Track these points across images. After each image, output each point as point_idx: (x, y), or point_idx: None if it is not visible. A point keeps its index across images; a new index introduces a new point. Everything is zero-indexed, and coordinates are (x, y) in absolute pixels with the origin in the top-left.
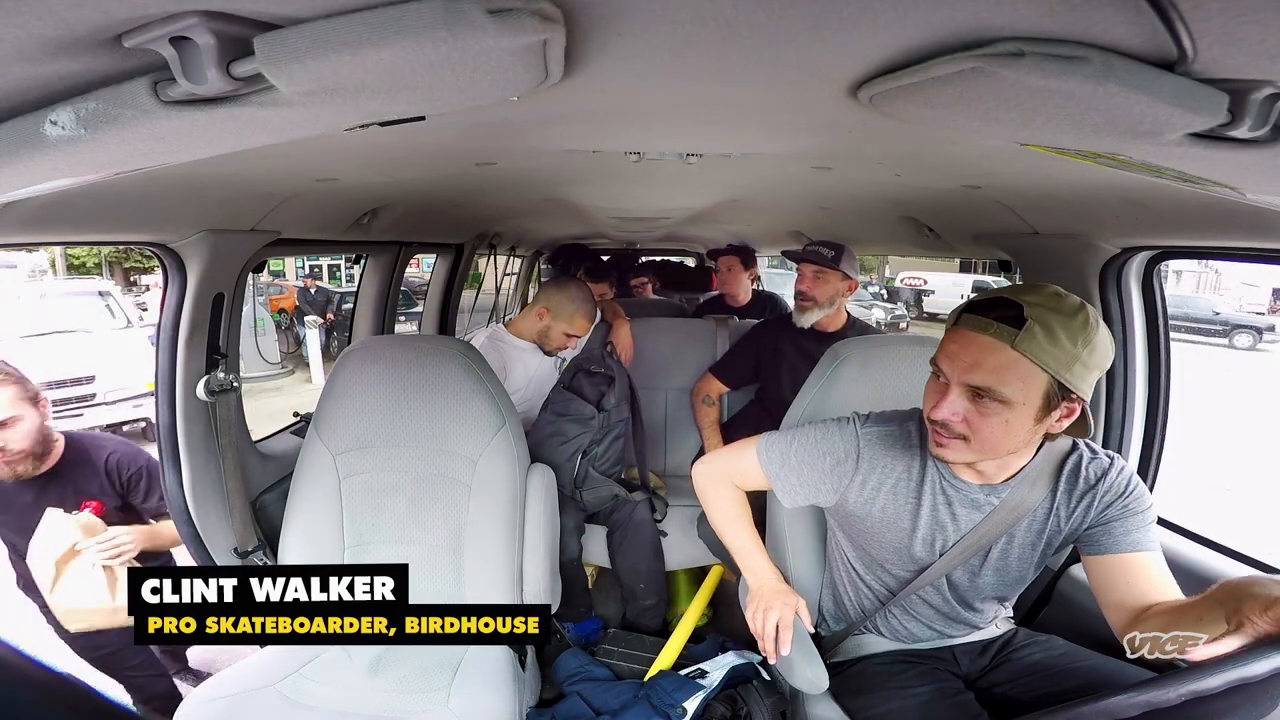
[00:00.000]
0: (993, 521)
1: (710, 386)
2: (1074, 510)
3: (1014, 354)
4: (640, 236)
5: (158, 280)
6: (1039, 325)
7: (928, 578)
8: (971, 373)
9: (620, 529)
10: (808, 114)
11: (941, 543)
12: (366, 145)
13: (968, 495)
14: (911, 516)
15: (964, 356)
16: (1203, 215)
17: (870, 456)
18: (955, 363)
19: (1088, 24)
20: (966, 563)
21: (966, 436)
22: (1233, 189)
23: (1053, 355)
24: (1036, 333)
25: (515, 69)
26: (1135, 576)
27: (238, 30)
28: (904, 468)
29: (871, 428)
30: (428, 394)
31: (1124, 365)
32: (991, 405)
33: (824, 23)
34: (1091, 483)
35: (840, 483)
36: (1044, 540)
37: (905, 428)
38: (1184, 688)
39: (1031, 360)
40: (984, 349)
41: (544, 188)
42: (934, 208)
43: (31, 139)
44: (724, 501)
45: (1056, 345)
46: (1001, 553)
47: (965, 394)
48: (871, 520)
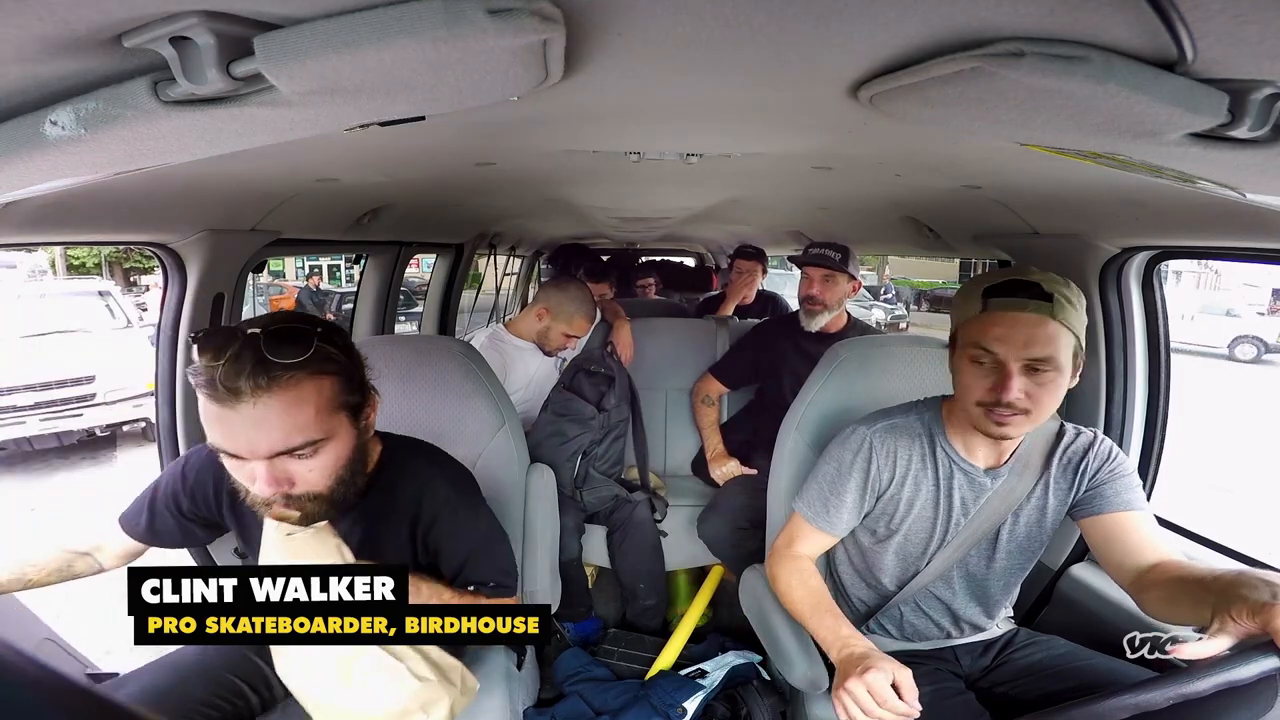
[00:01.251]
0: (994, 504)
1: (710, 387)
2: (1069, 482)
3: (1056, 324)
4: (640, 237)
5: (158, 280)
6: (1060, 296)
7: (937, 567)
8: (1029, 348)
9: (620, 529)
10: (808, 114)
11: (954, 530)
12: (366, 145)
13: (975, 478)
14: (933, 502)
15: (1017, 336)
16: (1203, 215)
17: (882, 447)
18: (1009, 343)
19: (1088, 24)
20: (978, 547)
21: (1029, 410)
22: (1232, 189)
23: (1075, 319)
24: (1063, 303)
25: (515, 69)
26: (1131, 534)
27: (238, 30)
28: (919, 455)
29: (876, 423)
30: (427, 394)
31: (1124, 365)
32: (1047, 375)
33: (824, 22)
34: (1080, 454)
35: (874, 489)
36: (1048, 516)
37: (909, 418)
38: (1182, 689)
39: (1067, 327)
40: (1033, 325)
41: (544, 188)
42: (934, 208)
43: (31, 139)
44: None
45: (1075, 310)
46: (1010, 534)
47: (1023, 370)
48: (902, 511)
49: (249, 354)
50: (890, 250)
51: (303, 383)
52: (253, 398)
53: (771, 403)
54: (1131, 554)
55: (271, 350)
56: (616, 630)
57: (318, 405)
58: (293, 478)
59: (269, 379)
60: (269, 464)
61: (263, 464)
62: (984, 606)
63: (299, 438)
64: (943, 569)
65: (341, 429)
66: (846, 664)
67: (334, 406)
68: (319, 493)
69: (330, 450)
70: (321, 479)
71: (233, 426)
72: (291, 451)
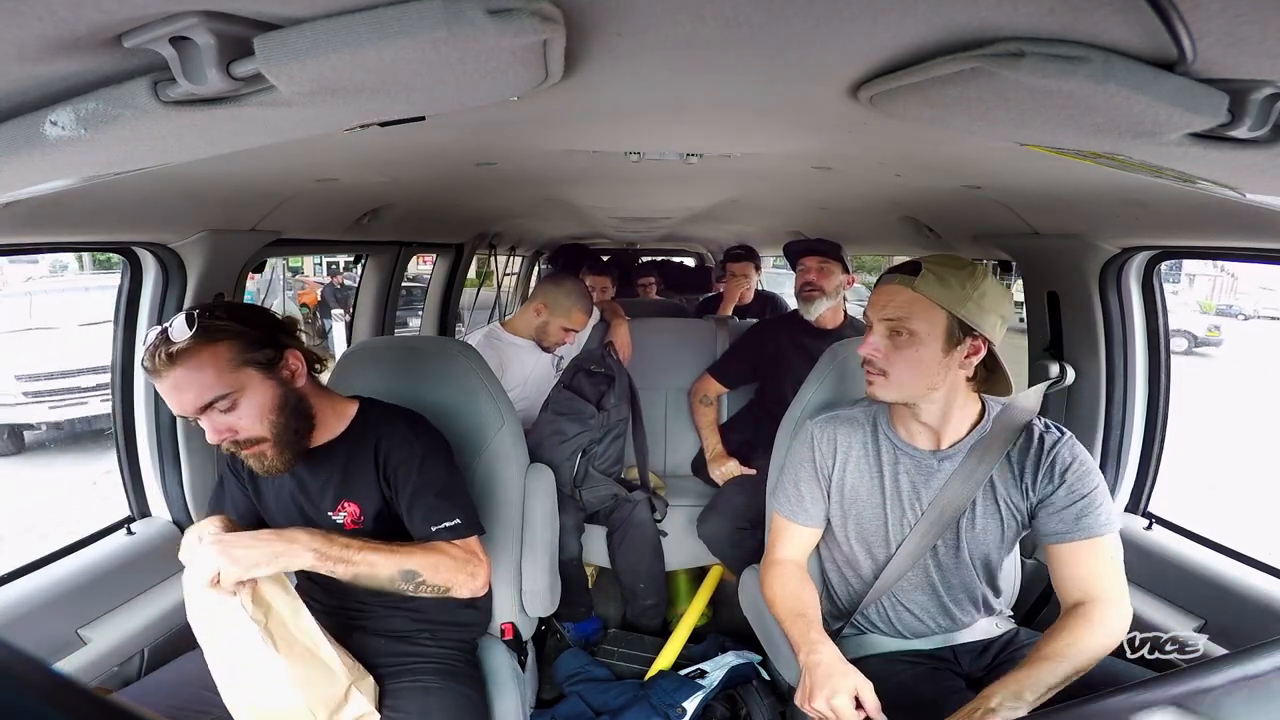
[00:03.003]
0: (953, 488)
1: (708, 387)
2: (1031, 478)
3: (913, 294)
4: (640, 237)
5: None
6: (931, 273)
7: (907, 553)
8: (884, 310)
9: (620, 529)
10: (808, 114)
11: (914, 517)
12: (366, 145)
13: (921, 461)
14: (879, 490)
15: (879, 300)
16: (1203, 215)
17: (826, 435)
18: (873, 307)
19: (1088, 24)
20: (943, 537)
21: (885, 371)
22: (1232, 189)
23: (944, 294)
24: (929, 277)
25: (515, 69)
26: (1062, 565)
27: (238, 30)
28: (860, 441)
29: (818, 416)
30: (427, 394)
31: (1124, 365)
32: (903, 339)
33: (824, 22)
34: (1046, 450)
35: (823, 472)
36: (1006, 508)
37: (853, 409)
38: (1182, 689)
39: (927, 297)
40: (892, 293)
41: (544, 188)
42: (934, 208)
43: (31, 139)
44: (775, 584)
45: (946, 287)
46: (968, 521)
47: (883, 332)
48: (850, 499)
49: (158, 340)
50: (890, 250)
51: (198, 352)
52: (166, 371)
53: (772, 402)
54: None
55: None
56: (616, 630)
57: (216, 366)
58: (231, 426)
59: (168, 355)
60: (206, 418)
61: (204, 419)
62: (967, 597)
63: (209, 394)
64: (914, 557)
65: (252, 381)
66: (813, 671)
67: (236, 364)
68: (260, 435)
69: (249, 399)
70: (254, 424)
71: (167, 395)
72: (211, 405)
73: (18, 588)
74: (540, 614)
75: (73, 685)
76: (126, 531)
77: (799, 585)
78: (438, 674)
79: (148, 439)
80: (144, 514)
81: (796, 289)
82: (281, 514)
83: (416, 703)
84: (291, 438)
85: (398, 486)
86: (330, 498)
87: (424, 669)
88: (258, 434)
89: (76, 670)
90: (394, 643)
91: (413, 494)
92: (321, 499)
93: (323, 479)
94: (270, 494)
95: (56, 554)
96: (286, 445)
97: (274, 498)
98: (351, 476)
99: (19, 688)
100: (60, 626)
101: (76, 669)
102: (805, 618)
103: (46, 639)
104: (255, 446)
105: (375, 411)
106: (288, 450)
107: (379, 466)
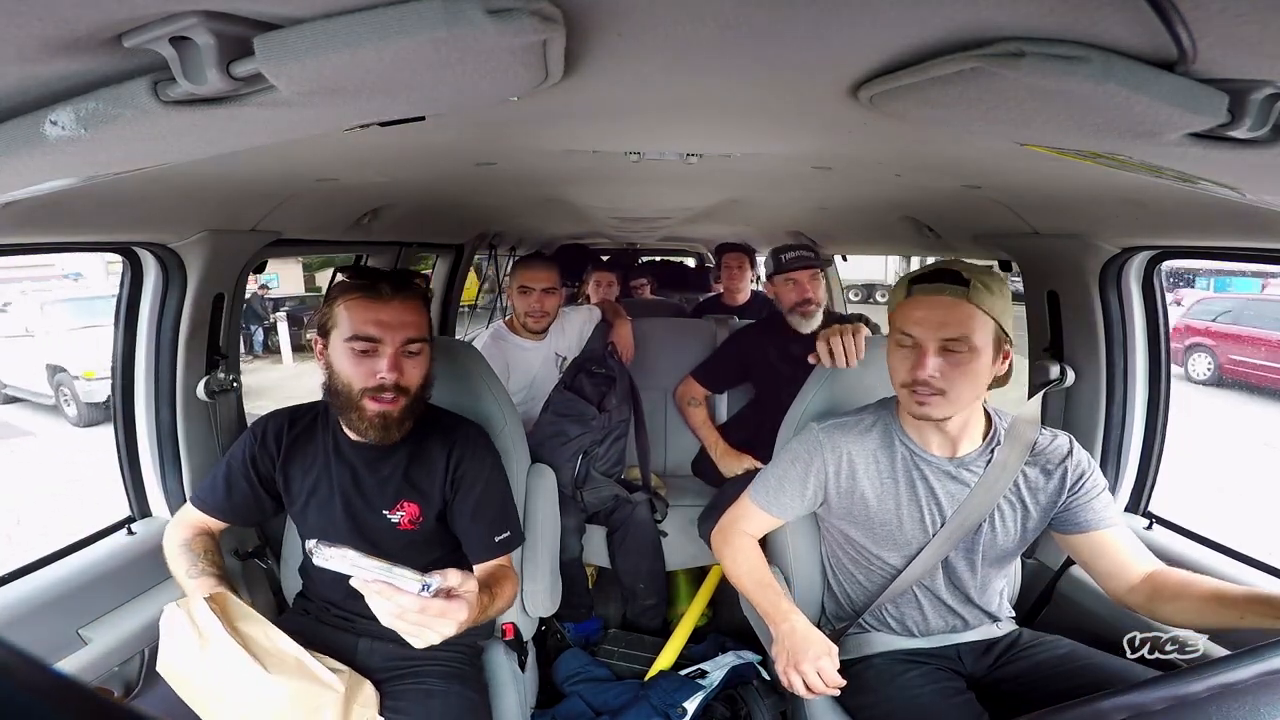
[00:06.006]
0: (978, 497)
1: (692, 390)
2: (1048, 484)
3: (970, 307)
4: (640, 236)
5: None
6: (979, 282)
7: (925, 559)
8: (944, 329)
9: (621, 529)
10: (808, 114)
11: (932, 522)
12: (366, 145)
13: (939, 468)
14: (894, 495)
15: (933, 318)
16: (1203, 215)
17: (834, 445)
18: (926, 325)
19: (1088, 24)
20: (960, 546)
21: (944, 390)
22: (1233, 189)
23: (993, 304)
24: (979, 287)
25: (515, 69)
26: (1119, 548)
27: (238, 30)
28: (873, 450)
29: (827, 422)
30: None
31: (1124, 365)
32: (962, 356)
33: (824, 23)
34: (1060, 458)
35: (819, 480)
36: (1027, 514)
37: (862, 416)
38: (1181, 690)
39: (983, 310)
40: (948, 307)
41: (544, 188)
42: (934, 208)
43: (31, 139)
44: (740, 555)
45: (994, 296)
46: (989, 529)
47: (939, 350)
48: (860, 506)
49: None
50: (890, 250)
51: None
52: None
53: (770, 402)
54: (1122, 566)
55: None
56: (616, 630)
57: (424, 317)
58: (403, 367)
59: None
60: (396, 351)
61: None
62: (976, 599)
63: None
64: (933, 562)
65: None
66: (790, 637)
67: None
68: (411, 386)
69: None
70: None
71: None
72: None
73: (18, 587)
74: (541, 614)
75: (73, 685)
76: (127, 531)
77: (760, 558)
78: (441, 677)
79: (148, 439)
80: (144, 514)
81: (789, 304)
82: (318, 511)
83: (419, 706)
84: (417, 408)
85: (464, 492)
86: (389, 496)
87: (427, 672)
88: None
89: (76, 670)
90: (398, 647)
91: (478, 503)
92: (378, 497)
93: (383, 476)
94: (305, 491)
95: (57, 554)
96: (410, 413)
97: (311, 494)
98: (414, 477)
99: (19, 688)
100: (60, 626)
101: (76, 669)
102: (773, 588)
103: (47, 639)
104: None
105: (446, 419)
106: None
107: (449, 470)
